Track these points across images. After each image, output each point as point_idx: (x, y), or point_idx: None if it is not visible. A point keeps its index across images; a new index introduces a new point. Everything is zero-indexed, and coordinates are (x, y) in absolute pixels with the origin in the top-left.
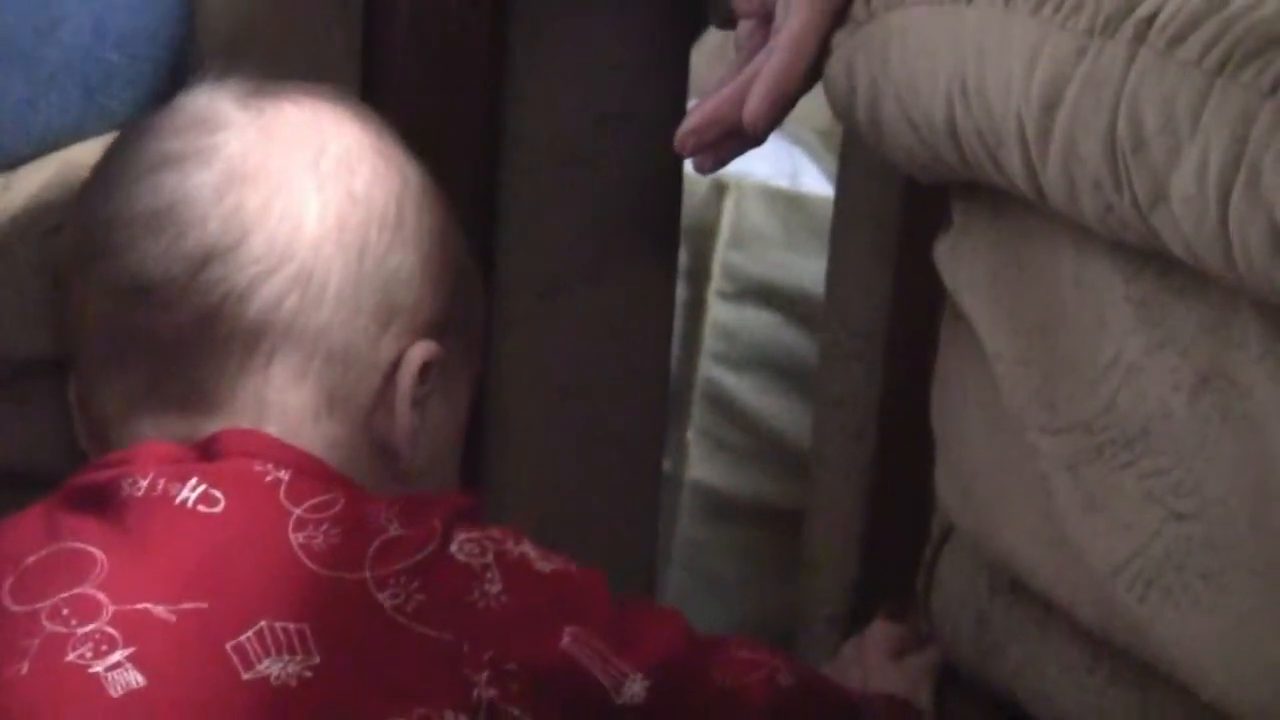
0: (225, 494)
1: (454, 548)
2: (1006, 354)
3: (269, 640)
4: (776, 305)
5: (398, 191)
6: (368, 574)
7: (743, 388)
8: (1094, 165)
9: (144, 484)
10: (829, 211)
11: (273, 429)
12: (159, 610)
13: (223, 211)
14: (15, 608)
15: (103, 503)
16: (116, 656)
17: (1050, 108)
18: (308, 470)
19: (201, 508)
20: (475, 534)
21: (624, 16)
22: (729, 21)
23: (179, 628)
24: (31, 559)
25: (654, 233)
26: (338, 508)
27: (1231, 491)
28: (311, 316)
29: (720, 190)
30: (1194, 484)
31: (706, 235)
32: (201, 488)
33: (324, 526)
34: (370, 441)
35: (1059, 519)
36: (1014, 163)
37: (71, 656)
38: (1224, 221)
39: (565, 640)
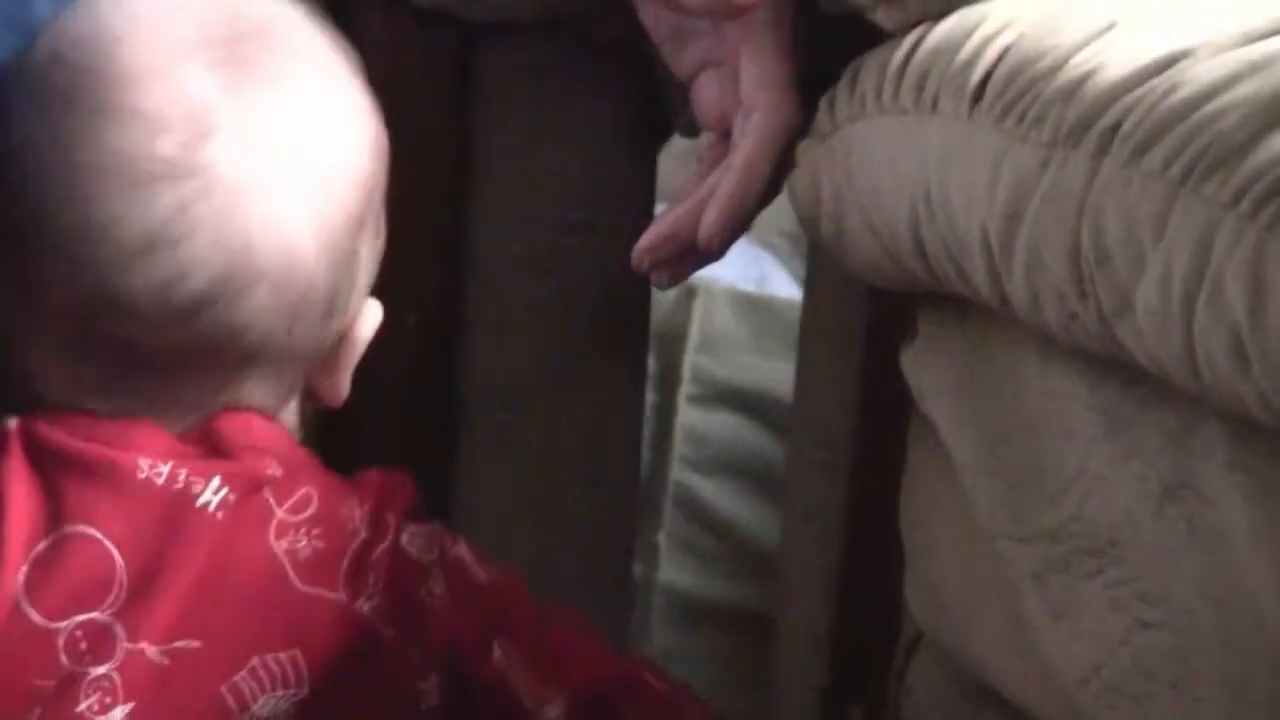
0: (237, 498)
1: (405, 540)
2: (973, 463)
3: (263, 677)
4: (746, 409)
5: (376, 186)
6: (343, 594)
7: (713, 492)
8: (1058, 276)
9: (164, 473)
10: (797, 315)
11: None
12: (152, 653)
13: (224, 239)
14: (35, 617)
15: (114, 483)
16: (117, 714)
17: (1014, 219)
18: (290, 460)
19: (219, 514)
20: (423, 528)
21: (589, 124)
22: (693, 130)
23: (171, 673)
24: (42, 545)
25: (622, 339)
26: (313, 507)
27: (1198, 602)
28: (299, 332)
29: (689, 294)
30: (1161, 594)
31: (676, 339)
32: (223, 492)
33: (304, 530)
34: (299, 389)
35: (1028, 628)
36: (978, 273)
37: (82, 707)
38: (1188, 333)
39: (496, 654)
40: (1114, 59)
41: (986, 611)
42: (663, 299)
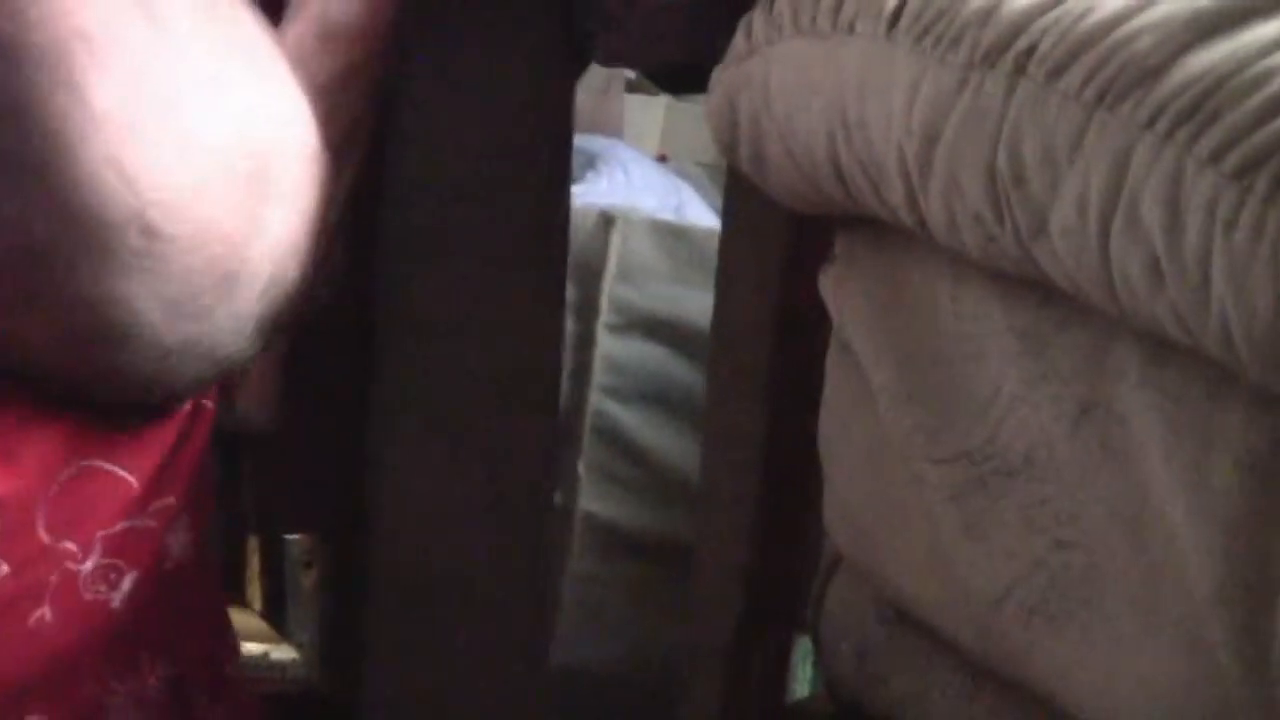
0: None
1: None
2: (891, 386)
3: None
4: (665, 339)
5: None
6: None
7: (633, 421)
8: (975, 197)
9: None
10: (715, 244)
11: None
12: None
13: None
14: None
15: None
16: None
17: (931, 140)
18: None
19: None
20: None
21: (510, 55)
22: (611, 60)
23: None
24: None
25: (541, 268)
26: None
27: (1111, 520)
28: None
29: (607, 224)
30: (1075, 513)
31: (595, 269)
32: None
33: None
34: None
35: (943, 549)
36: (896, 195)
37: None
38: (1104, 252)
39: None
40: None
41: (903, 534)
42: (581, 228)
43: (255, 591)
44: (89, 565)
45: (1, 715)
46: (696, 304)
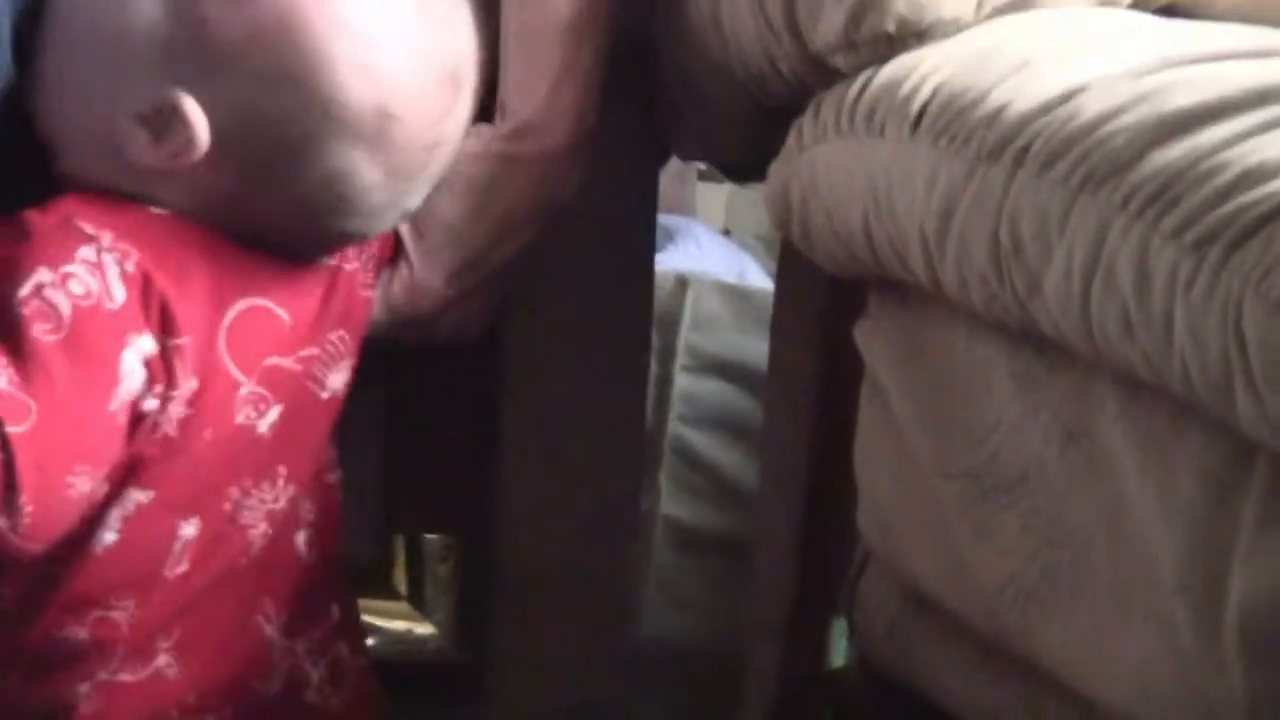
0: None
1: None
2: (912, 417)
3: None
4: (730, 377)
5: None
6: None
7: (704, 443)
8: (981, 264)
9: None
10: (770, 301)
11: None
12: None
13: None
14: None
15: None
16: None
17: (946, 217)
18: None
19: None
20: None
21: (612, 151)
22: (687, 154)
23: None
24: None
25: (630, 320)
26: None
27: (1093, 524)
28: None
29: (683, 285)
30: (1063, 519)
31: (672, 321)
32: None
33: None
34: None
35: (955, 548)
36: (917, 262)
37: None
38: (1086, 308)
39: None
40: (1025, 93)
41: (922, 535)
42: (661, 288)
43: (400, 580)
44: (244, 391)
45: (156, 523)
46: (755, 349)
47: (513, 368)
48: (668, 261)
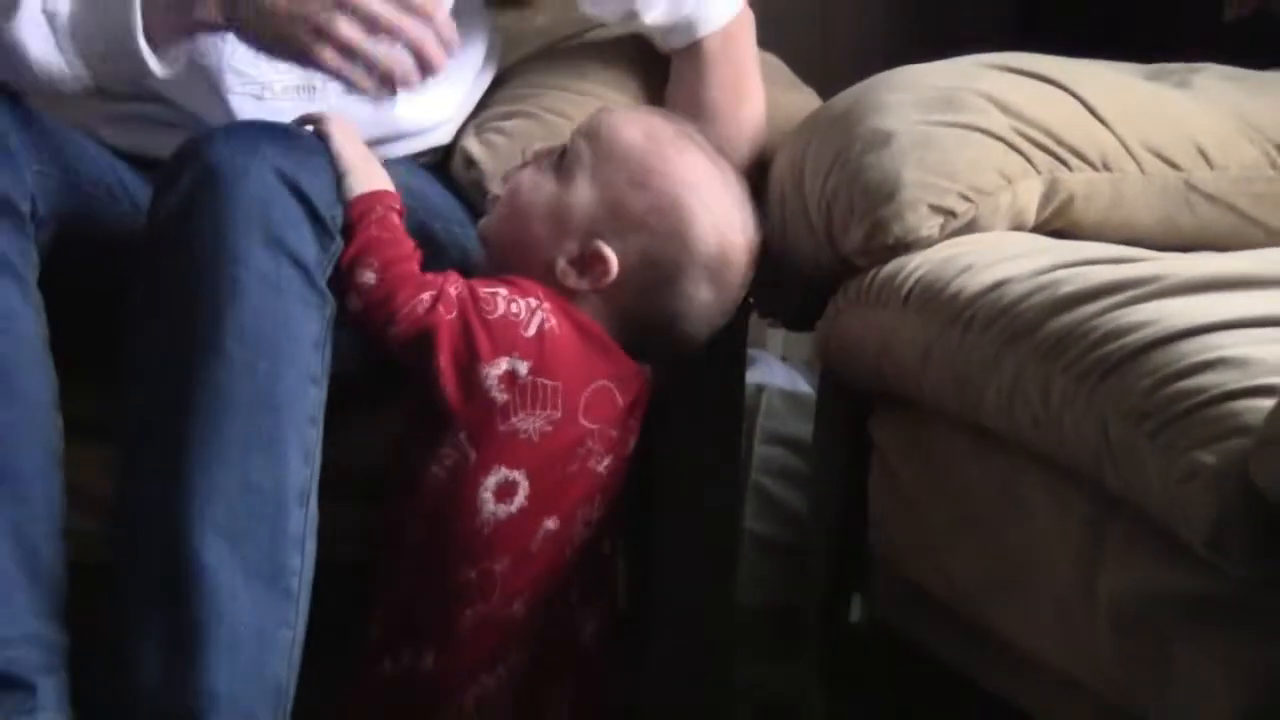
0: None
1: None
2: (906, 479)
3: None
4: (789, 446)
5: None
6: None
7: (775, 487)
8: (946, 387)
9: None
10: (814, 402)
11: None
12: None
13: None
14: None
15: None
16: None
17: (924, 359)
18: None
19: None
20: None
21: None
22: (766, 313)
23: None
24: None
25: (729, 414)
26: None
27: (1023, 547)
28: None
29: (760, 391)
30: (1005, 543)
31: (752, 412)
32: None
33: None
34: None
35: (938, 559)
36: (910, 384)
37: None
38: (1011, 415)
39: None
40: (971, 283)
41: (915, 548)
42: (747, 393)
43: None
44: (595, 444)
45: (524, 527)
46: (805, 430)
47: (662, 447)
48: (751, 377)
